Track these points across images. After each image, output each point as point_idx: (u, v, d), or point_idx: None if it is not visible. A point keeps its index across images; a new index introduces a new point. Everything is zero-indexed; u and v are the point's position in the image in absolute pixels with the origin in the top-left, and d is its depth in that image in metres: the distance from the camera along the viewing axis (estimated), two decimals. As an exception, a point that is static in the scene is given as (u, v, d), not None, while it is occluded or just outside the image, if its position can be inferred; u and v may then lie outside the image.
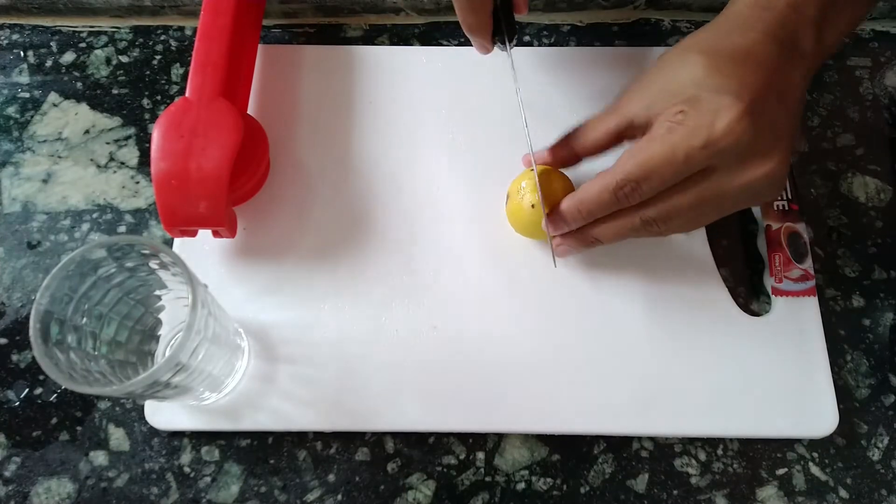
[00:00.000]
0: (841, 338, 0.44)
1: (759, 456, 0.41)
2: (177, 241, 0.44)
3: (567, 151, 0.40)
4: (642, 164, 0.34)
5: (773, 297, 0.43)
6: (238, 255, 0.44)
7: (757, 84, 0.33)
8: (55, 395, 0.42)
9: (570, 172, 0.42)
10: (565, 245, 0.41)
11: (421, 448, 0.41)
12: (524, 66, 0.49)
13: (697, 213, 0.35)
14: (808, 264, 0.43)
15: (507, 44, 0.41)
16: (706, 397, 0.40)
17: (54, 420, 0.41)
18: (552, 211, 0.39)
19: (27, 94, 0.50)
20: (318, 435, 0.41)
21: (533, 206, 0.40)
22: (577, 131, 0.39)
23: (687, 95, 0.33)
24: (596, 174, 0.36)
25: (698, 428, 0.40)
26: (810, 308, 0.42)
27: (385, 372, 0.41)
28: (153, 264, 0.34)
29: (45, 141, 0.49)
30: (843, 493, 0.40)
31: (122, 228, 0.46)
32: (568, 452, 0.41)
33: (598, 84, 0.48)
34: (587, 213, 0.37)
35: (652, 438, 0.41)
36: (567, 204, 0.38)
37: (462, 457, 0.41)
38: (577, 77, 0.49)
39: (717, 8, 0.52)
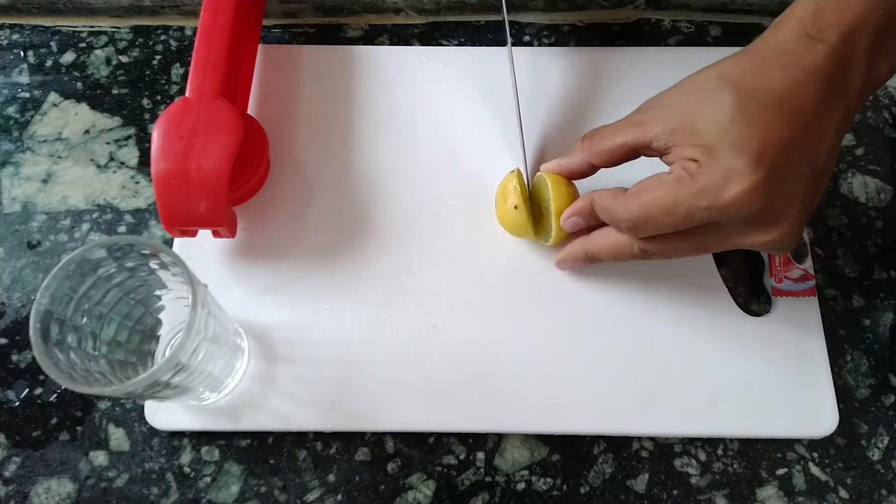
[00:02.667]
0: (841, 338, 0.44)
1: (759, 456, 0.41)
2: (177, 241, 0.44)
3: (581, 160, 0.38)
4: (643, 207, 0.33)
5: (773, 297, 0.43)
6: (238, 255, 0.44)
7: (783, 142, 0.31)
8: (55, 395, 0.42)
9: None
10: (565, 261, 0.41)
11: (421, 448, 0.41)
12: (524, 66, 0.49)
13: (699, 252, 0.35)
14: (808, 264, 0.43)
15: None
16: (706, 397, 0.40)
17: (54, 420, 0.41)
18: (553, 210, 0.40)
19: (27, 94, 0.50)
20: (318, 435, 0.41)
21: (516, 207, 0.40)
22: (593, 138, 0.38)
23: (706, 141, 0.31)
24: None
25: (698, 428, 0.40)
26: (810, 308, 0.42)
27: (385, 372, 0.41)
28: (153, 264, 0.34)
29: (45, 141, 0.49)
30: (843, 494, 0.40)
31: (122, 228, 0.46)
32: (568, 452, 0.41)
33: (598, 84, 0.48)
34: (586, 224, 0.38)
35: (652, 438, 0.41)
36: (569, 211, 0.39)
37: (462, 457, 0.41)
38: (577, 77, 0.49)
39: (718, 8, 0.53)
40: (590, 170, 0.39)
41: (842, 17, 0.31)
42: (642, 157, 0.36)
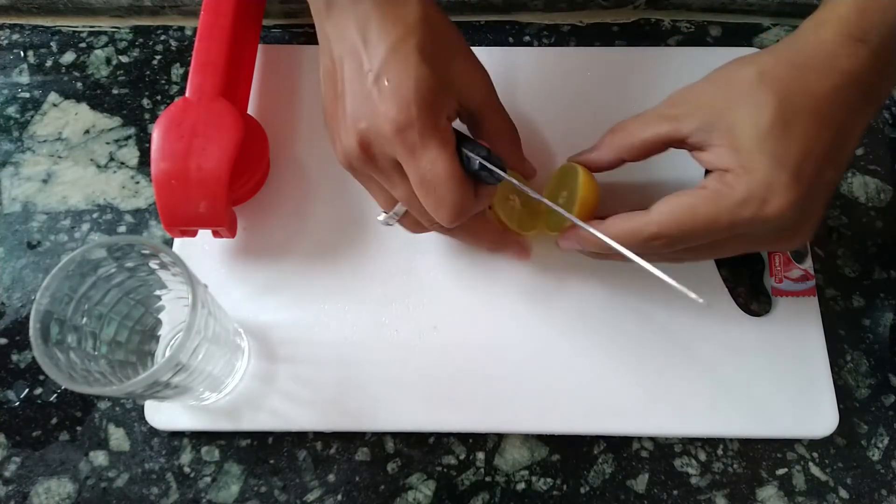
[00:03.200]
0: (841, 338, 0.43)
1: (759, 456, 0.41)
2: (177, 241, 0.44)
3: (611, 154, 0.37)
4: (683, 223, 0.32)
5: (773, 297, 0.43)
6: (238, 255, 0.44)
7: (819, 151, 0.30)
8: (55, 395, 0.42)
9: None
10: (571, 243, 0.38)
11: (421, 448, 0.41)
12: (524, 66, 0.49)
13: (718, 256, 0.36)
14: (808, 264, 0.43)
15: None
16: (706, 397, 0.40)
17: (54, 420, 0.41)
18: (569, 230, 0.37)
19: (27, 94, 0.50)
20: (318, 435, 0.41)
21: (490, 207, 0.39)
22: (623, 132, 0.36)
23: (744, 148, 0.31)
24: (622, 212, 0.34)
25: (698, 428, 0.40)
26: (810, 308, 0.42)
27: (385, 372, 0.41)
28: (153, 264, 0.34)
29: (45, 141, 0.49)
30: (843, 494, 0.40)
31: (122, 228, 0.46)
32: (568, 452, 0.41)
33: (598, 84, 0.48)
34: (606, 250, 0.36)
35: (652, 438, 0.41)
36: (587, 235, 0.35)
37: (462, 457, 0.41)
38: (577, 77, 0.49)
39: (718, 8, 0.53)
40: (618, 164, 0.37)
41: (885, 16, 0.30)
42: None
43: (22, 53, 0.52)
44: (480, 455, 0.41)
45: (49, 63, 0.51)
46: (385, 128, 0.32)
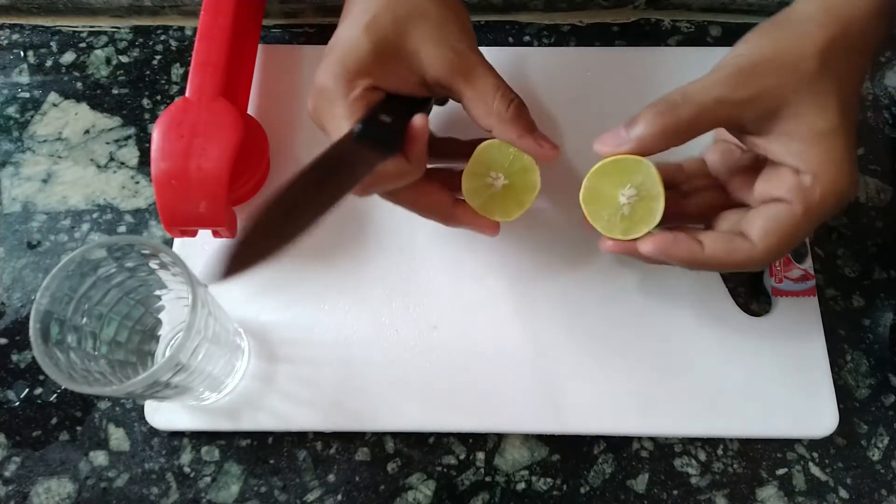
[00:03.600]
0: (841, 338, 0.43)
1: (759, 456, 0.41)
2: (177, 241, 0.44)
3: (661, 138, 0.33)
4: (788, 246, 0.33)
5: (773, 297, 0.43)
6: (238, 255, 0.44)
7: (854, 125, 0.33)
8: (55, 395, 0.42)
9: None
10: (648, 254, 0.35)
11: (421, 448, 0.41)
12: (525, 66, 0.49)
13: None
14: (808, 264, 0.43)
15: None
16: (706, 397, 0.40)
17: (54, 420, 0.41)
18: (644, 237, 0.35)
19: (27, 94, 0.50)
20: (318, 435, 0.41)
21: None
22: (672, 114, 0.33)
23: (819, 146, 0.32)
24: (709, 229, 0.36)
25: (698, 428, 0.40)
26: (810, 308, 0.42)
27: (385, 372, 0.41)
28: (153, 264, 0.34)
29: (45, 141, 0.49)
30: (843, 494, 0.40)
31: (122, 228, 0.46)
32: (568, 452, 0.41)
33: (598, 84, 0.48)
34: (700, 269, 0.35)
35: (652, 438, 0.41)
36: (658, 244, 0.34)
37: (462, 457, 0.41)
38: (577, 77, 0.49)
39: (718, 8, 0.53)
40: (665, 147, 0.34)
41: None
42: None
43: (22, 53, 0.52)
44: (480, 455, 0.41)
45: (49, 63, 0.51)
46: (312, 90, 0.35)
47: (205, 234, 0.42)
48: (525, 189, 0.37)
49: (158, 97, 0.50)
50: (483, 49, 0.50)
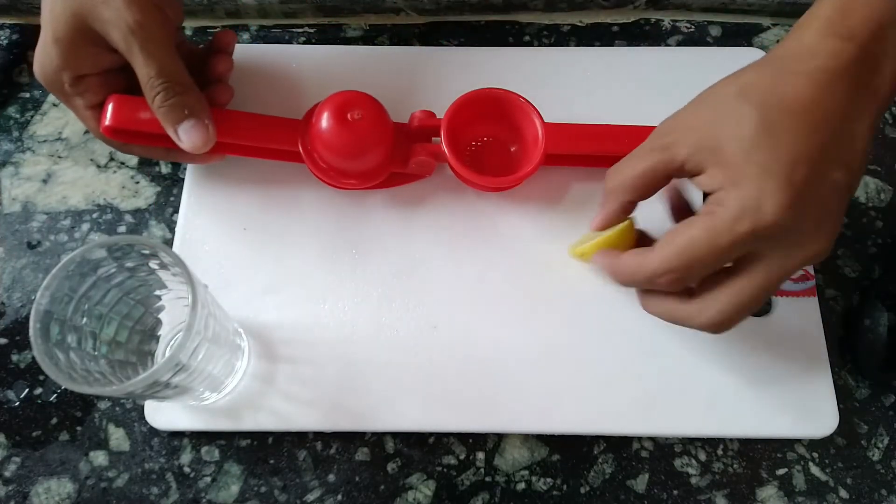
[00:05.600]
0: (841, 338, 0.43)
1: (759, 456, 0.41)
2: (177, 242, 0.44)
3: (616, 203, 0.36)
4: (684, 253, 0.31)
5: (773, 296, 0.43)
6: (238, 256, 0.44)
7: (812, 152, 0.30)
8: (55, 395, 0.42)
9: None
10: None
11: (421, 448, 0.41)
12: (524, 66, 0.49)
13: (757, 300, 0.33)
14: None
15: None
16: (706, 397, 0.40)
17: (54, 420, 0.41)
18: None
19: (27, 94, 0.50)
20: (318, 435, 0.41)
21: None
22: (618, 173, 0.35)
23: (732, 162, 0.30)
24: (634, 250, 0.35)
25: (698, 428, 0.40)
26: (810, 308, 0.42)
27: (385, 372, 0.41)
28: (153, 264, 0.34)
29: (45, 141, 0.49)
30: (843, 494, 0.40)
31: (122, 228, 0.46)
32: (568, 452, 0.41)
33: (598, 84, 0.48)
34: (625, 283, 0.36)
35: (652, 438, 0.41)
36: (608, 262, 0.36)
37: (462, 457, 0.41)
38: (577, 77, 0.49)
39: (718, 8, 0.53)
40: (629, 208, 0.37)
41: (873, 12, 0.30)
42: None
43: (22, 53, 0.52)
44: (480, 455, 0.41)
45: (49, 63, 0.51)
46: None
47: (205, 235, 0.42)
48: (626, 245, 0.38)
49: (158, 97, 0.50)
50: (483, 49, 0.51)
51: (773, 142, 0.30)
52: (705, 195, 0.32)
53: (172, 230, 0.45)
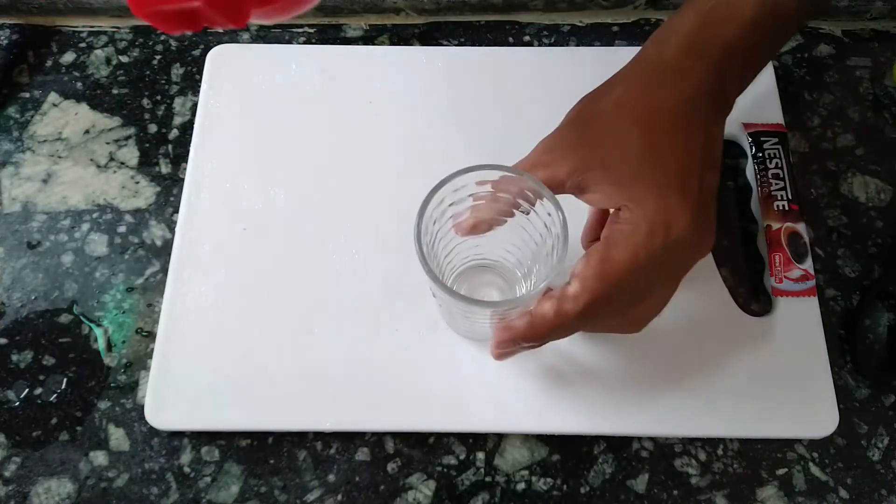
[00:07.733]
0: (841, 338, 0.43)
1: (759, 456, 0.41)
2: (177, 242, 0.44)
3: (495, 211, 0.36)
4: (608, 275, 0.31)
5: (773, 297, 0.43)
6: (238, 256, 0.44)
7: (694, 163, 0.32)
8: (55, 395, 0.42)
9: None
10: (506, 352, 0.37)
11: (421, 448, 0.41)
12: (524, 66, 0.49)
13: (661, 304, 0.35)
14: (808, 264, 0.43)
15: None
16: (706, 397, 0.40)
17: (54, 420, 0.41)
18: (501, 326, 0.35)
19: (27, 94, 0.50)
20: (318, 435, 0.41)
21: None
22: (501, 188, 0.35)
23: (625, 183, 0.31)
24: (544, 294, 0.33)
25: (698, 428, 0.40)
26: (810, 308, 0.42)
27: (385, 372, 0.41)
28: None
29: (45, 141, 0.49)
30: (843, 494, 0.40)
31: (122, 228, 0.46)
32: (568, 452, 0.41)
33: (598, 84, 0.48)
34: (544, 338, 0.34)
35: (652, 438, 0.41)
36: (519, 326, 0.34)
37: (462, 457, 0.41)
38: (577, 77, 0.49)
39: (717, 8, 0.53)
40: (509, 213, 0.36)
41: (723, 35, 0.33)
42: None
43: (22, 53, 0.52)
44: (480, 455, 0.41)
45: (49, 63, 0.51)
46: None
47: (204, 235, 0.42)
48: None
49: (158, 97, 0.50)
50: (483, 49, 0.51)
51: (658, 156, 0.32)
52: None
53: (172, 230, 0.45)
